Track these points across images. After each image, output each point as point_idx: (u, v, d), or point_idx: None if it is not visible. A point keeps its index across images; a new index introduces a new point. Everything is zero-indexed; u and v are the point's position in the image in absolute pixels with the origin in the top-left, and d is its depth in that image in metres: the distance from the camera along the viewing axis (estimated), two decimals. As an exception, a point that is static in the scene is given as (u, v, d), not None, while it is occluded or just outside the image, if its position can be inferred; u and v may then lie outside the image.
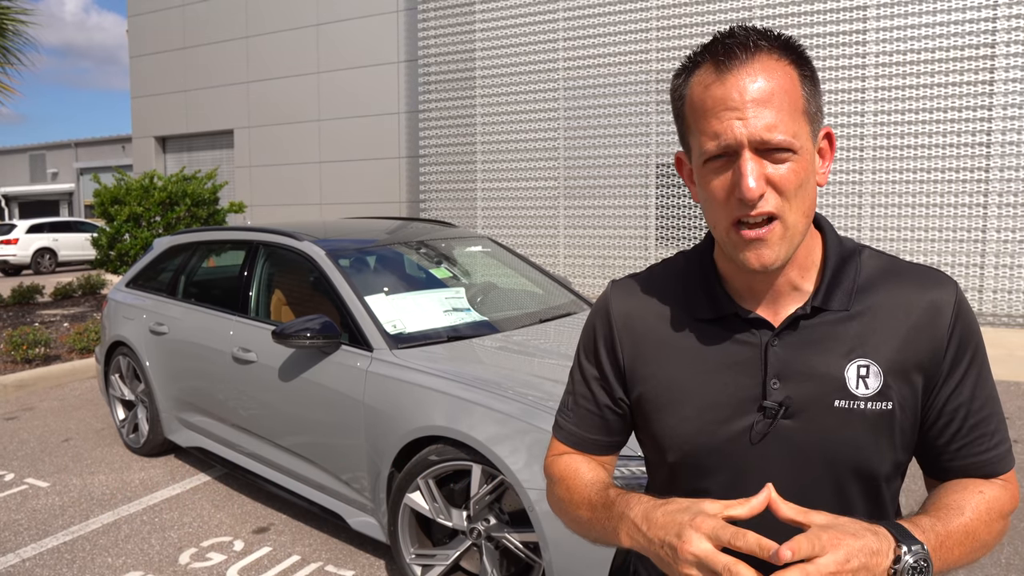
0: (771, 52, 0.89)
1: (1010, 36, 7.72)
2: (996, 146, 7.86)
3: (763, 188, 0.88)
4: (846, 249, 1.02)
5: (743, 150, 0.88)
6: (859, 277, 0.99)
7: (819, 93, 0.94)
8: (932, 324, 0.95)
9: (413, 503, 2.85)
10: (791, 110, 0.88)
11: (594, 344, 1.11)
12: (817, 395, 0.95)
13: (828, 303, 0.97)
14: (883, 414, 0.94)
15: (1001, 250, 7.95)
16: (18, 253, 19.38)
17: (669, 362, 1.03)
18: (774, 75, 0.88)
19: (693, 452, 1.01)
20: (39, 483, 4.32)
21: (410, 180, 12.36)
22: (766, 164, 0.88)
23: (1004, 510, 0.96)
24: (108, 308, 5.10)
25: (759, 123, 0.86)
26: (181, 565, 3.30)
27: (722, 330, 1.01)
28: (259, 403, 3.69)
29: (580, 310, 4.07)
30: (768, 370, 0.97)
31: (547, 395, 2.71)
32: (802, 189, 0.90)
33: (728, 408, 0.98)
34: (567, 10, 10.02)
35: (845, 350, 0.95)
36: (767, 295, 0.99)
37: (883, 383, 0.94)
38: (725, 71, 0.88)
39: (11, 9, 9.81)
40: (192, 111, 15.14)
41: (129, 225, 10.20)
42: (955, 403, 0.96)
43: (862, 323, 0.96)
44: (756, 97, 0.87)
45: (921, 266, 1.01)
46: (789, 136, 0.87)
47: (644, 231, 9.77)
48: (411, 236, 4.40)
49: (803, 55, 0.93)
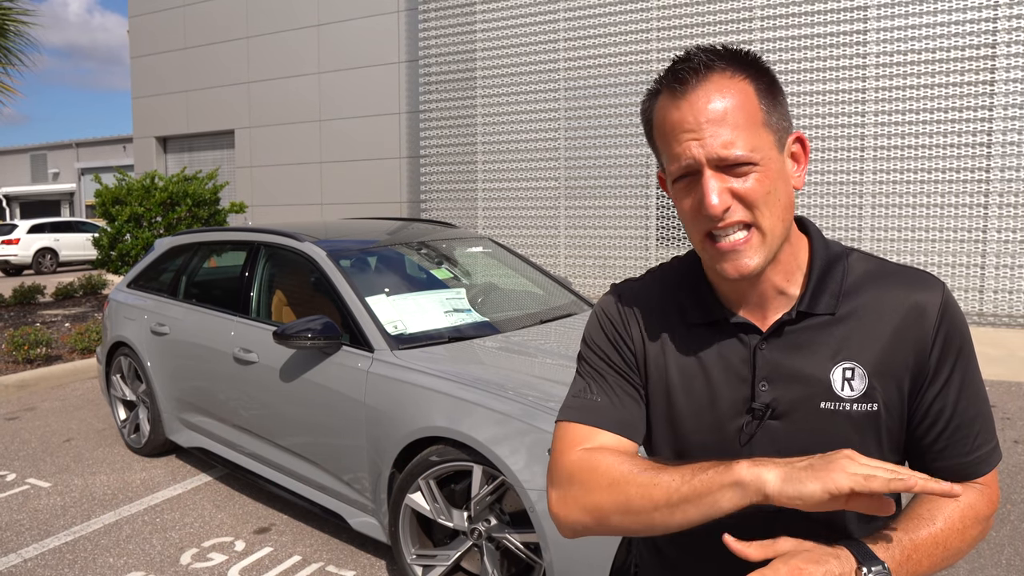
0: (724, 71, 0.93)
1: (1011, 36, 7.72)
2: (997, 146, 7.86)
3: (727, 203, 0.92)
4: (832, 252, 1.03)
5: (704, 168, 0.92)
6: (846, 280, 1.00)
7: (780, 102, 0.96)
8: (917, 326, 0.96)
9: (414, 503, 2.85)
10: (748, 124, 0.91)
11: (604, 333, 1.09)
12: (804, 397, 0.98)
13: (814, 307, 0.99)
14: (869, 415, 0.97)
15: (1002, 250, 7.94)
16: (19, 253, 19.40)
17: (665, 364, 1.06)
18: (727, 93, 0.91)
19: (688, 452, 1.04)
20: (41, 483, 4.33)
21: (411, 180, 12.36)
22: (729, 179, 0.92)
23: (980, 515, 0.96)
24: (109, 308, 5.11)
25: (715, 142, 0.90)
26: (182, 565, 3.31)
27: (714, 334, 1.03)
28: (260, 404, 3.70)
29: (581, 311, 4.07)
30: (757, 373, 0.99)
31: (547, 396, 2.71)
32: (771, 197, 0.93)
33: (720, 410, 1.02)
34: (568, 10, 10.02)
35: (831, 353, 0.97)
36: (754, 300, 1.02)
37: (868, 385, 0.96)
38: (680, 96, 0.93)
39: (12, 10, 9.82)
40: (193, 111, 15.15)
41: (130, 225, 10.21)
42: (940, 404, 0.97)
43: (848, 326, 0.98)
44: (710, 117, 0.91)
45: (909, 268, 1.02)
46: (747, 151, 0.91)
47: (645, 231, 9.77)
48: (412, 237, 4.40)
49: (760, 68, 0.95)
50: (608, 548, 2.37)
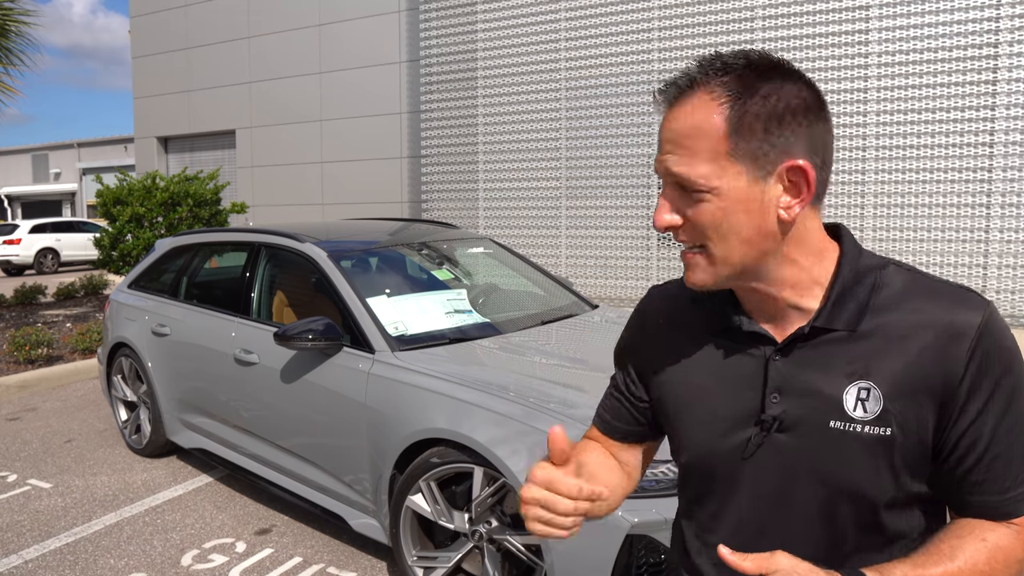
0: (712, 90, 0.89)
1: (1013, 36, 7.70)
2: (999, 146, 7.84)
3: (670, 221, 0.94)
4: (863, 266, 0.97)
5: (664, 183, 0.95)
6: (876, 295, 0.95)
7: (771, 130, 0.88)
8: (948, 348, 0.89)
9: (415, 505, 2.85)
10: (706, 151, 0.89)
11: (625, 342, 1.19)
12: (813, 413, 0.94)
13: (831, 322, 0.94)
14: (881, 439, 0.91)
15: (1004, 250, 7.93)
16: (21, 253, 19.43)
17: (683, 370, 1.07)
18: (696, 116, 0.90)
19: (699, 457, 1.05)
20: (42, 484, 4.33)
21: (412, 180, 12.35)
22: (686, 199, 0.93)
23: (1011, 559, 0.89)
24: (110, 309, 5.11)
25: (668, 160, 0.93)
26: (183, 566, 3.31)
27: (731, 343, 1.02)
28: (261, 405, 3.70)
29: (582, 311, 4.07)
30: (769, 384, 0.97)
31: (548, 397, 2.70)
32: (723, 227, 0.91)
33: (731, 419, 1.00)
34: (569, 10, 10.01)
35: (848, 371, 0.93)
36: (769, 311, 0.99)
37: (883, 408, 0.91)
38: (662, 111, 0.95)
39: (13, 10, 9.82)
40: (194, 111, 15.15)
41: (131, 225, 10.21)
42: (973, 436, 0.90)
43: (870, 343, 0.93)
44: (670, 137, 0.93)
45: (952, 285, 0.95)
46: (695, 177, 0.90)
47: (646, 231, 9.76)
48: (413, 237, 4.40)
49: (759, 91, 0.88)
50: (609, 550, 2.37)
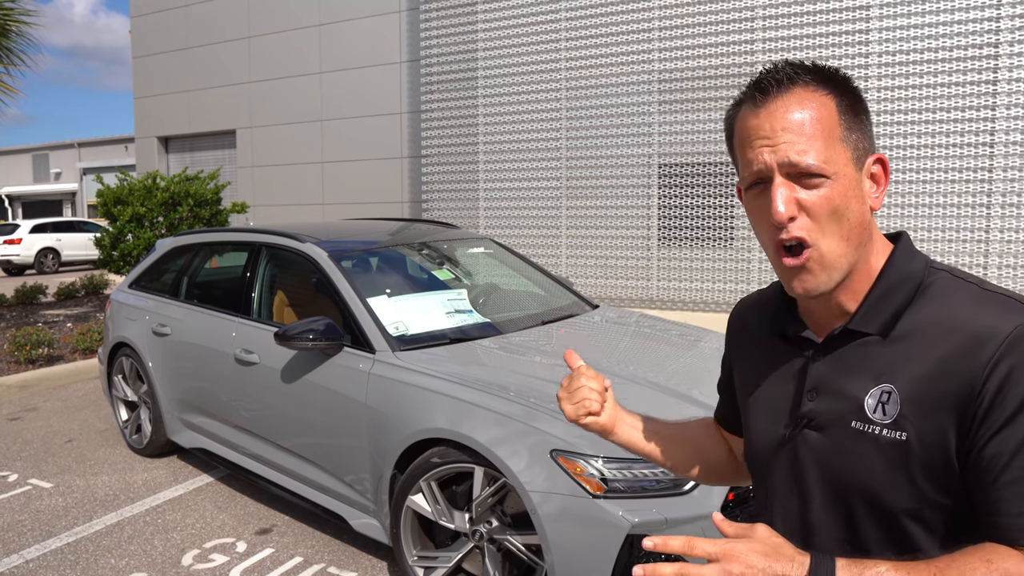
0: (808, 84, 0.94)
1: (1014, 36, 7.70)
2: (1000, 146, 7.84)
3: (793, 211, 0.92)
4: (909, 270, 0.97)
5: (774, 175, 0.93)
6: (919, 300, 0.95)
7: (863, 122, 0.95)
8: (970, 355, 0.86)
9: (415, 505, 2.85)
10: (824, 137, 0.92)
11: (725, 346, 1.29)
12: (840, 413, 0.97)
13: (863, 326, 0.96)
14: (896, 444, 0.90)
15: (1005, 250, 7.92)
16: (21, 253, 19.43)
17: (752, 370, 1.15)
18: (807, 105, 0.92)
19: (752, 450, 1.13)
20: (42, 484, 4.33)
21: (412, 180, 12.36)
22: (798, 189, 0.92)
23: None
24: (111, 309, 5.11)
25: (788, 149, 0.91)
26: (184, 566, 3.31)
27: (787, 345, 1.08)
28: (261, 405, 3.70)
29: (582, 311, 4.07)
30: (806, 384, 1.02)
31: (549, 397, 2.71)
32: (837, 215, 0.92)
33: (777, 415, 1.07)
34: (569, 10, 10.01)
35: (875, 374, 0.94)
36: (820, 314, 1.03)
37: (899, 412, 0.90)
38: (761, 104, 0.94)
39: (14, 11, 9.82)
40: (194, 111, 15.16)
41: (132, 225, 10.22)
42: (993, 450, 0.84)
43: (900, 348, 0.93)
44: (786, 126, 0.92)
45: (996, 293, 0.92)
46: (819, 161, 0.91)
47: (646, 231, 9.76)
48: (413, 237, 4.40)
49: (846, 85, 0.96)
50: (609, 550, 2.37)
